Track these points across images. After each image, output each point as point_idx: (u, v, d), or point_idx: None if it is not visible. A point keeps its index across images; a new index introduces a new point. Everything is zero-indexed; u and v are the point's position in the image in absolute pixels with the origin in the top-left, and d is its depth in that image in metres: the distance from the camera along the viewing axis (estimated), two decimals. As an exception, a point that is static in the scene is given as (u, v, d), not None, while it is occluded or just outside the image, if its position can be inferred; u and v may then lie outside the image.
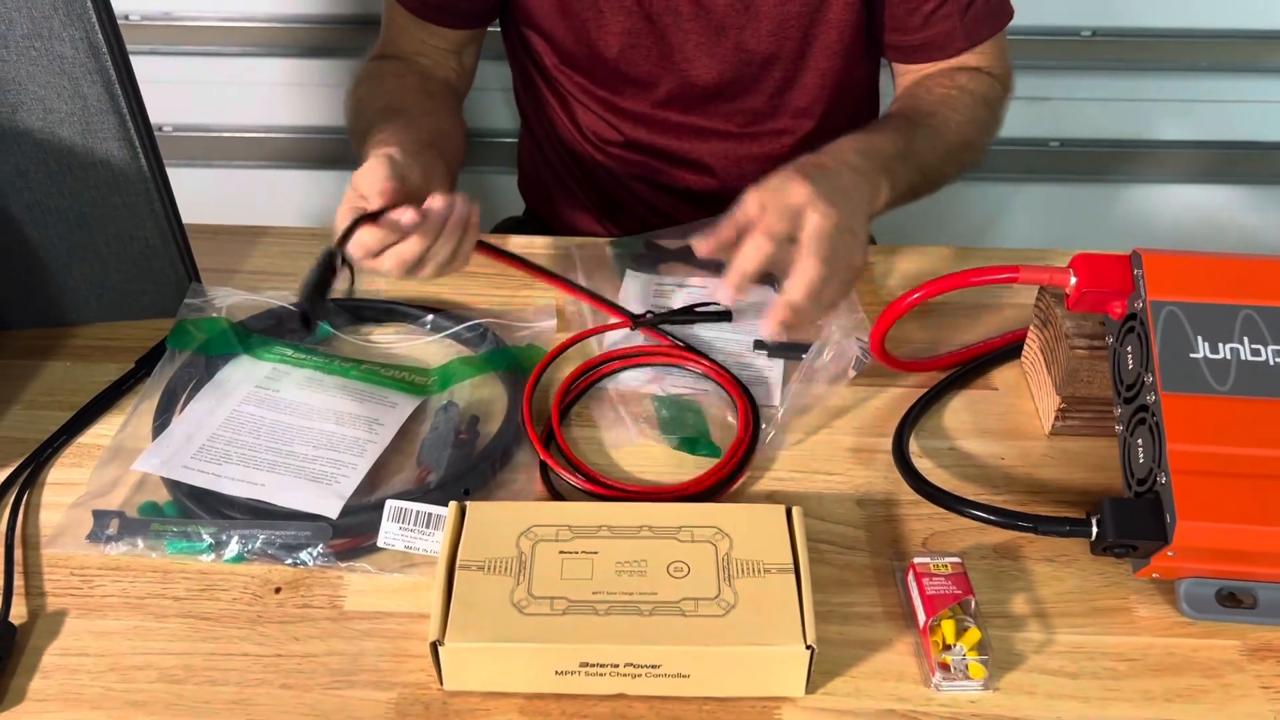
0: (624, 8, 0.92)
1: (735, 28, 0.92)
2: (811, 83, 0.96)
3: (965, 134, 0.88)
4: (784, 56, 0.94)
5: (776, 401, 0.75)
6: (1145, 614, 0.63)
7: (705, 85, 0.96)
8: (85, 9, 0.65)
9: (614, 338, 0.79)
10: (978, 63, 0.93)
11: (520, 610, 0.58)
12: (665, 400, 0.75)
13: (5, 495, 0.68)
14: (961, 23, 0.90)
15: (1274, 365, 0.61)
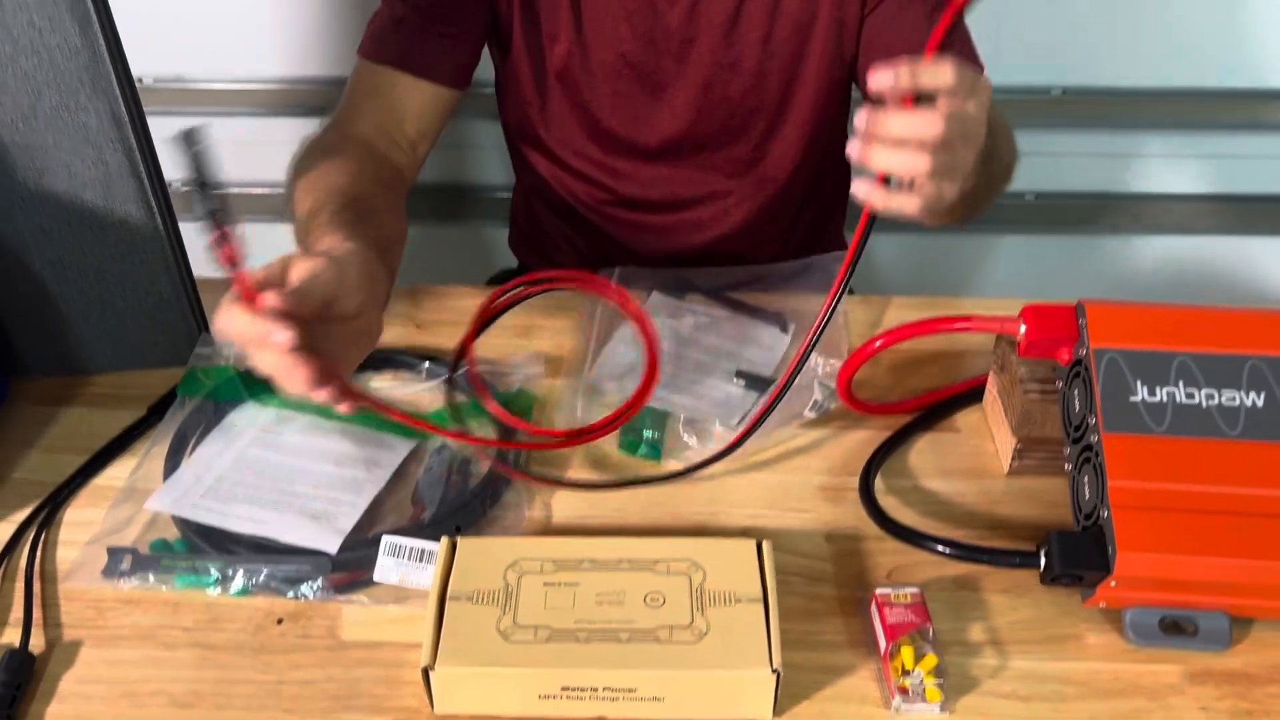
0: (615, 71, 0.99)
1: (720, 83, 0.98)
2: (792, 134, 1.02)
3: (1011, 159, 0.90)
4: (765, 109, 1.00)
5: (734, 422, 0.80)
6: (1094, 641, 0.67)
7: (693, 137, 1.02)
8: (110, 83, 0.71)
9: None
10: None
11: (506, 638, 0.62)
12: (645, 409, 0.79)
13: (25, 534, 0.73)
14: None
15: (1206, 408, 0.66)
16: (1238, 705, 0.63)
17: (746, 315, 0.89)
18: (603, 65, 0.99)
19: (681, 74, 0.99)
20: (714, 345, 0.86)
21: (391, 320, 0.91)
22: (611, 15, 0.96)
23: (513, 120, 1.10)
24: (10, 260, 0.78)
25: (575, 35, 0.98)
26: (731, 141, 1.03)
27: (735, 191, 1.06)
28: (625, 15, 0.96)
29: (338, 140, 0.93)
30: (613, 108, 1.02)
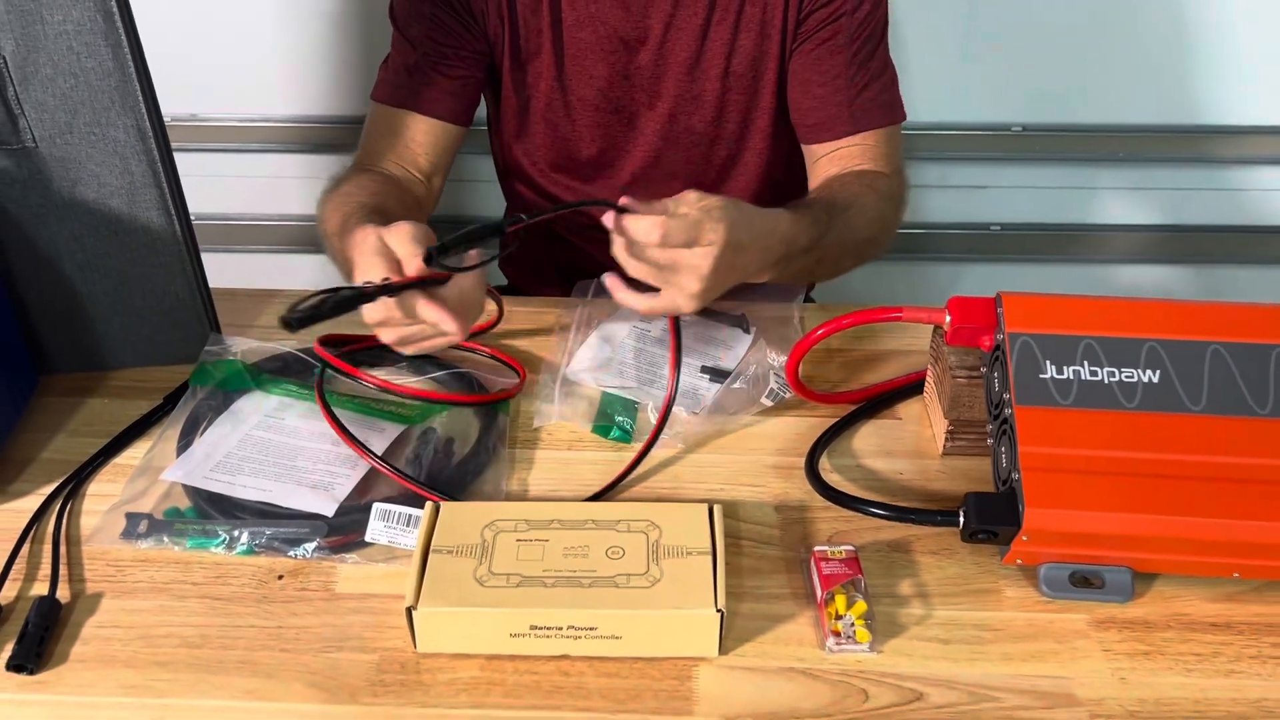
0: (594, 106, 1.09)
1: (685, 114, 1.08)
2: (752, 161, 1.12)
3: (871, 231, 0.99)
4: (726, 138, 1.10)
5: (698, 410, 0.88)
6: (1011, 594, 0.74)
7: (662, 165, 1.12)
8: (137, 101, 0.80)
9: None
10: (877, 166, 1.04)
11: (481, 584, 0.70)
12: (612, 398, 0.88)
13: (51, 504, 0.81)
14: (849, 110, 1.04)
15: (1108, 384, 0.74)
16: (1136, 647, 0.70)
17: (711, 319, 0.98)
18: (582, 101, 1.09)
19: (651, 106, 1.09)
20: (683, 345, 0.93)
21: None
22: (590, 56, 1.07)
23: (501, 153, 1.20)
24: (44, 265, 0.86)
25: (556, 75, 1.08)
26: (697, 169, 1.13)
27: None
28: (603, 55, 1.07)
29: (361, 172, 1.04)
30: (590, 139, 1.12)
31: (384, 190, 1.00)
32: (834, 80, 1.04)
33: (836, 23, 1.03)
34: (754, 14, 1.04)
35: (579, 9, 1.05)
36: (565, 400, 0.89)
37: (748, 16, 1.04)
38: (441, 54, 1.06)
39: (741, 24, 1.05)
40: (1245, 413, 0.73)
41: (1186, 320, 0.76)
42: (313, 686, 0.67)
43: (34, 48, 0.76)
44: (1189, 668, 0.69)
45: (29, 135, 0.80)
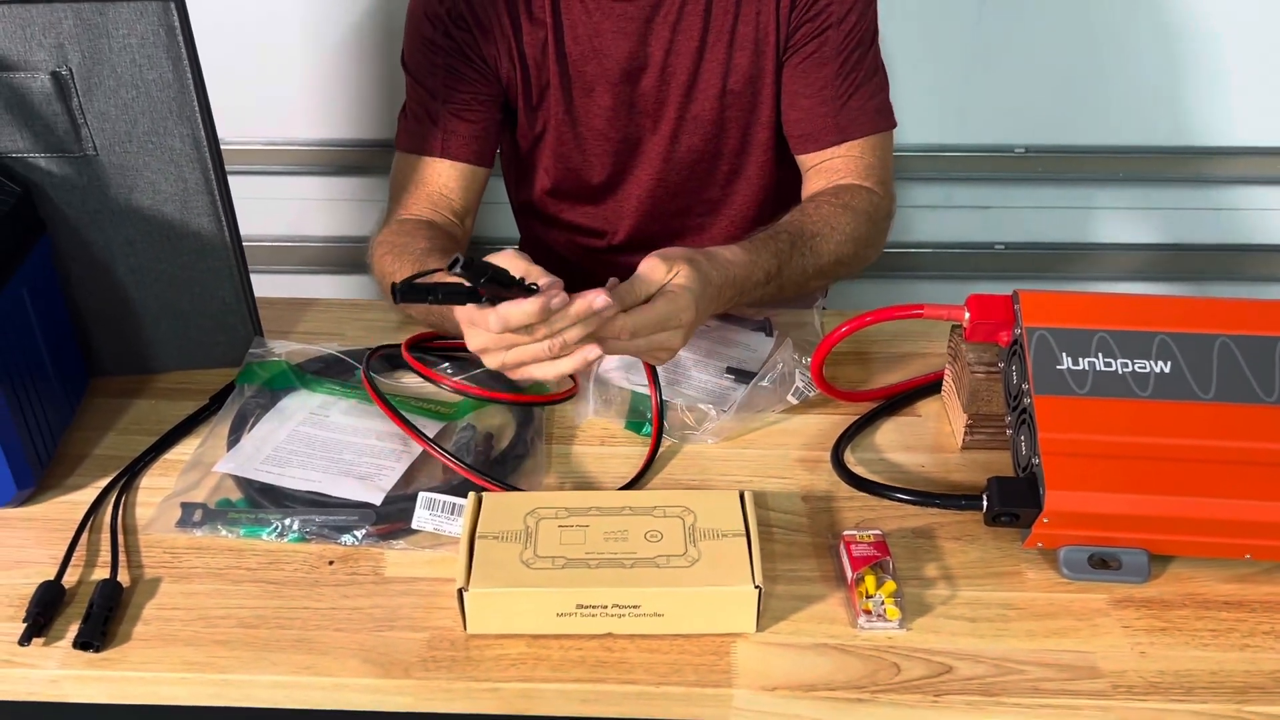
0: (602, 135, 1.14)
1: (686, 134, 1.14)
2: (754, 174, 1.17)
3: (842, 252, 1.01)
4: (726, 154, 1.15)
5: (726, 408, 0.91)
6: (1033, 576, 0.77)
7: (667, 185, 1.17)
8: (193, 110, 0.84)
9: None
10: (862, 180, 1.08)
11: (528, 566, 0.73)
12: (643, 396, 0.92)
13: (107, 497, 0.84)
14: (835, 121, 1.08)
15: (1121, 374, 0.78)
16: (1153, 624, 0.73)
17: (733, 323, 1.02)
18: (591, 131, 1.15)
19: (655, 130, 1.15)
20: (706, 347, 0.98)
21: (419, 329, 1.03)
22: (597, 88, 1.12)
23: (515, 185, 1.26)
24: (98, 269, 0.90)
25: (566, 110, 1.13)
26: (701, 185, 1.17)
27: (709, 229, 1.20)
28: (608, 86, 1.12)
29: (401, 225, 1.07)
30: (600, 167, 1.17)
31: (433, 235, 1.04)
32: (821, 92, 1.08)
33: (824, 35, 1.07)
34: (747, 33, 1.09)
35: (582, 43, 1.09)
36: (599, 399, 0.93)
37: (741, 35, 1.09)
38: (461, 101, 1.10)
39: (736, 42, 1.09)
40: (1253, 400, 0.76)
41: (1195, 314, 0.80)
42: (367, 662, 0.70)
43: (99, 60, 0.81)
44: (1205, 642, 0.72)
45: (90, 144, 0.84)
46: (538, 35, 1.10)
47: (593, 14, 1.09)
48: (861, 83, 1.09)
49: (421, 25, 1.11)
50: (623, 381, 0.94)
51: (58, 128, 0.82)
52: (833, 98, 1.08)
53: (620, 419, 0.92)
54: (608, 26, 1.09)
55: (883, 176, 1.10)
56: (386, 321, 1.05)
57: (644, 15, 1.08)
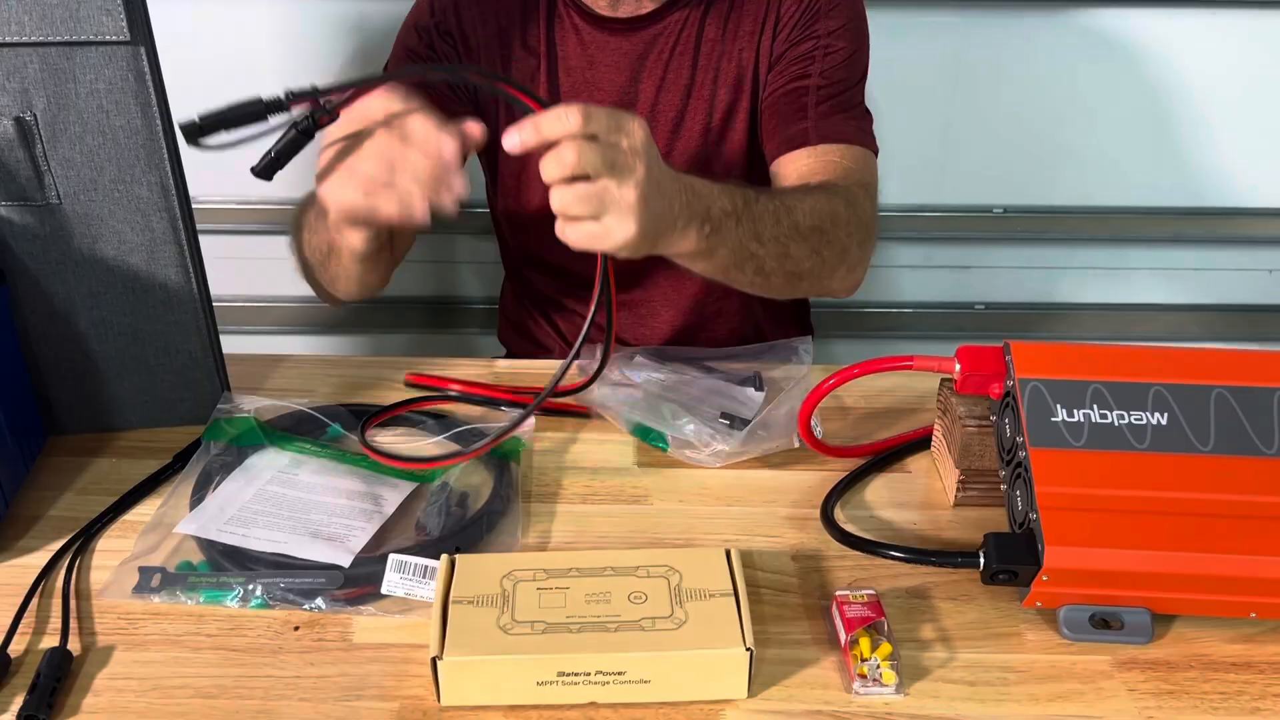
0: None
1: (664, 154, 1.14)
2: None
3: (819, 220, 0.94)
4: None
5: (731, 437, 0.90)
6: (1033, 637, 0.74)
7: None
8: (162, 158, 0.82)
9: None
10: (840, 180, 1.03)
11: (506, 632, 0.69)
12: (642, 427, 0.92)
13: (60, 560, 0.79)
14: (814, 127, 1.06)
15: (1117, 426, 0.76)
16: (1160, 687, 0.70)
17: (723, 378, 0.99)
18: None
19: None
20: (695, 395, 0.96)
21: (394, 385, 1.01)
22: None
23: (501, 220, 1.24)
24: (59, 321, 0.87)
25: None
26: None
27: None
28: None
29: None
30: None
31: None
32: (800, 99, 1.07)
33: (807, 60, 1.08)
34: (730, 69, 1.11)
35: (575, 75, 1.10)
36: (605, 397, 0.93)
37: (724, 72, 1.11)
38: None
39: (720, 79, 1.11)
40: (1252, 452, 0.74)
41: (1189, 365, 0.78)
42: (333, 735, 0.66)
43: (65, 106, 0.78)
44: (1214, 706, 0.69)
45: (54, 192, 0.81)
46: (528, 64, 1.10)
47: (588, 47, 1.10)
48: (844, 107, 1.09)
49: (408, 36, 1.12)
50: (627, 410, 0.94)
51: (20, 175, 0.80)
52: (813, 110, 1.07)
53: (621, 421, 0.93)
54: (603, 60, 1.10)
55: (863, 182, 1.04)
56: (360, 378, 1.02)
57: (638, 51, 1.10)
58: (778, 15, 1.10)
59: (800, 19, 1.09)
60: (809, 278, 0.96)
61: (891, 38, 1.43)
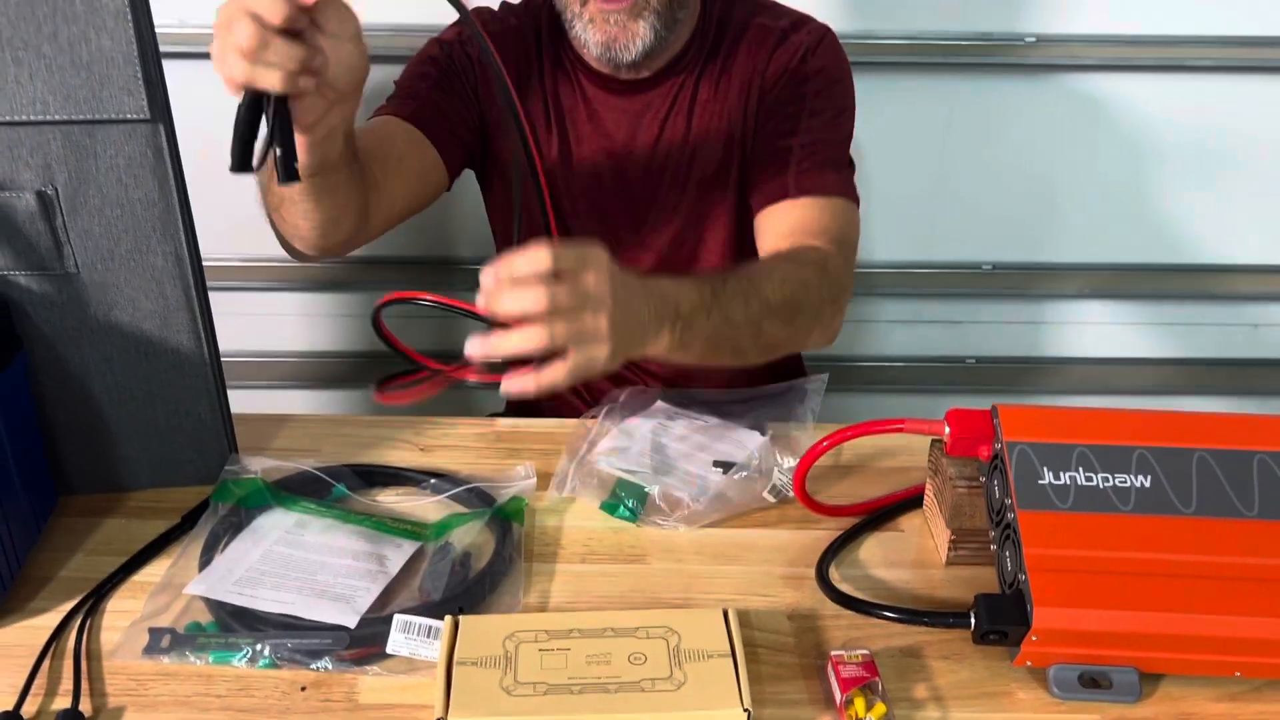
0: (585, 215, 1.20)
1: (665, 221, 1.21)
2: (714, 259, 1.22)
3: (789, 292, 0.96)
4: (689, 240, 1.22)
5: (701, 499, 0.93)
6: (1024, 696, 0.76)
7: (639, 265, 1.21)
8: (177, 228, 0.84)
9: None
10: (814, 240, 1.06)
11: (509, 693, 0.71)
12: (624, 483, 0.94)
13: (71, 621, 0.81)
14: (795, 179, 1.11)
15: (1102, 489, 0.78)
16: (1149, 745, 0.72)
17: (728, 422, 1.02)
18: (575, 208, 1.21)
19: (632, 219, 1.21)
20: (699, 442, 1.00)
21: (398, 445, 1.03)
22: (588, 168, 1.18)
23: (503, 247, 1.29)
24: (74, 385, 0.89)
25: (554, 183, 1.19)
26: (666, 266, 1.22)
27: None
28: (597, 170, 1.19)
29: None
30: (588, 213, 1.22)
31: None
32: (785, 154, 1.12)
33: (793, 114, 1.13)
34: (721, 126, 1.17)
35: (579, 126, 1.18)
36: (581, 478, 0.95)
37: (716, 129, 1.17)
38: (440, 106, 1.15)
39: (712, 136, 1.17)
40: (1233, 514, 0.77)
41: (1172, 429, 0.81)
42: (340, 796, 0.67)
43: (85, 180, 0.81)
44: (1201, 765, 0.71)
45: (72, 261, 0.84)
46: (536, 109, 1.18)
47: (591, 102, 1.17)
48: (827, 161, 1.12)
49: (428, 47, 1.19)
50: (606, 466, 0.96)
51: (40, 246, 0.83)
52: (795, 166, 1.11)
53: (596, 499, 0.94)
54: (605, 115, 1.17)
55: (839, 238, 1.07)
56: (364, 438, 1.04)
57: (637, 110, 1.17)
58: (763, 76, 1.15)
59: (787, 80, 1.14)
60: (785, 345, 1.00)
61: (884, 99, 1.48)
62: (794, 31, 1.16)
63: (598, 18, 1.08)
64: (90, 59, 0.77)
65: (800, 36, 1.15)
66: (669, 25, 1.10)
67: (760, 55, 1.15)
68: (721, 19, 1.17)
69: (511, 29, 1.19)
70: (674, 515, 0.92)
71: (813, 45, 1.15)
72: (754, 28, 1.16)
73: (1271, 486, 0.78)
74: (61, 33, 0.76)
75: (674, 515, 0.92)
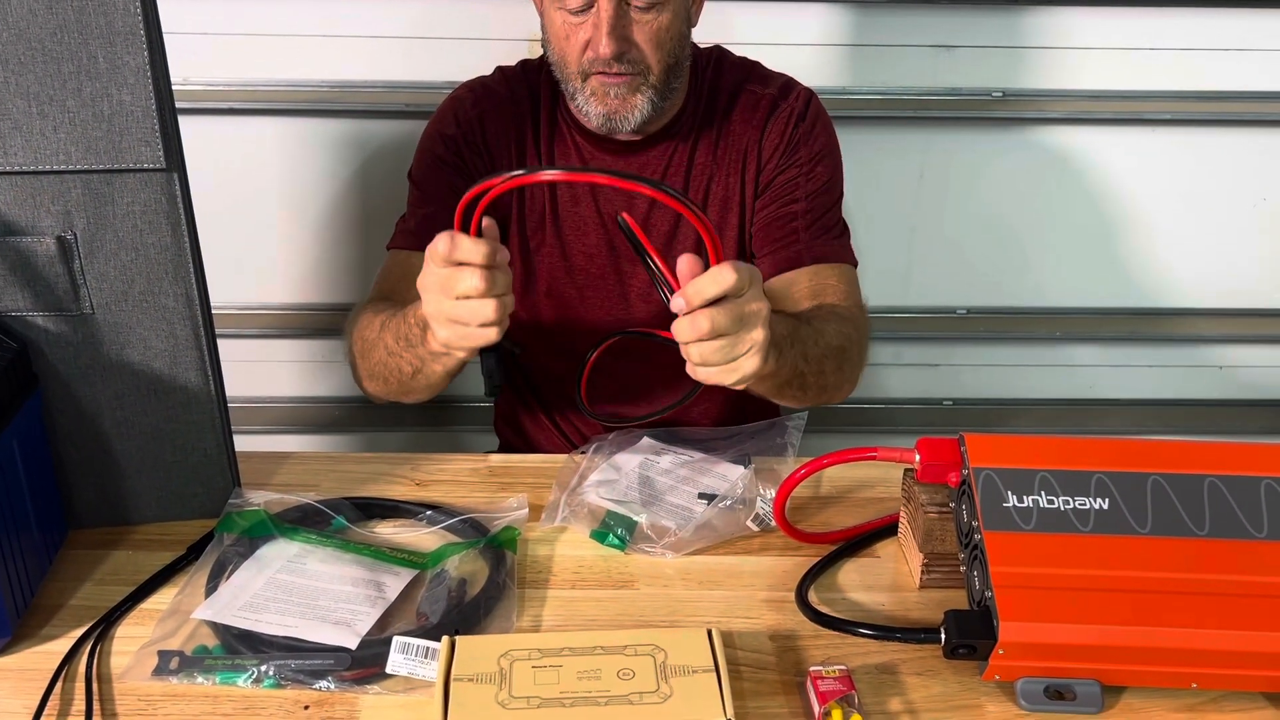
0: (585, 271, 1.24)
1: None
2: None
3: (842, 341, 1.09)
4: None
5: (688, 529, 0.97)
6: (993, 709, 0.80)
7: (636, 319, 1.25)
8: (188, 271, 0.89)
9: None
10: (838, 300, 1.17)
11: (504, 707, 0.74)
12: (614, 514, 0.97)
13: (81, 647, 0.84)
14: (806, 249, 1.19)
15: (1063, 511, 0.83)
16: (1111, 753, 0.76)
17: (713, 455, 1.08)
18: (578, 266, 1.24)
19: (634, 273, 1.24)
20: (684, 475, 1.05)
21: (395, 480, 1.07)
22: (586, 229, 1.22)
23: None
24: (85, 421, 0.93)
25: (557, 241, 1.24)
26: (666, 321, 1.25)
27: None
28: (597, 229, 1.22)
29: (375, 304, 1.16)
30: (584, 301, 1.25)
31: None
32: (791, 223, 1.20)
33: (793, 183, 1.21)
34: (719, 191, 1.22)
35: (576, 187, 1.21)
36: (572, 509, 1.00)
37: (714, 193, 1.22)
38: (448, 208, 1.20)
39: (709, 200, 1.23)
40: (1186, 534, 0.81)
41: (1128, 455, 0.86)
42: (343, 806, 0.71)
43: (103, 225, 0.86)
44: (1160, 770, 0.75)
45: (88, 303, 0.88)
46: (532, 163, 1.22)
47: (587, 161, 1.22)
48: (828, 226, 1.21)
49: (435, 144, 1.23)
50: (596, 498, 1.00)
51: (58, 288, 0.87)
52: (803, 228, 1.20)
53: (586, 528, 0.98)
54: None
55: (856, 300, 1.19)
56: (361, 473, 1.08)
57: (634, 167, 1.21)
58: (760, 147, 1.22)
59: (783, 148, 1.21)
60: (832, 390, 1.09)
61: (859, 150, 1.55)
62: (783, 99, 1.23)
63: (599, 90, 1.14)
64: (111, 112, 0.82)
65: (789, 104, 1.22)
66: (665, 96, 1.16)
67: (754, 124, 1.22)
68: (713, 85, 1.24)
69: (505, 98, 1.24)
70: (661, 542, 0.96)
71: (801, 110, 1.22)
72: (745, 94, 1.23)
73: (1222, 507, 0.83)
74: (85, 89, 0.81)
75: (661, 542, 0.96)
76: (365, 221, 1.63)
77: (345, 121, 1.57)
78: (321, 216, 1.63)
